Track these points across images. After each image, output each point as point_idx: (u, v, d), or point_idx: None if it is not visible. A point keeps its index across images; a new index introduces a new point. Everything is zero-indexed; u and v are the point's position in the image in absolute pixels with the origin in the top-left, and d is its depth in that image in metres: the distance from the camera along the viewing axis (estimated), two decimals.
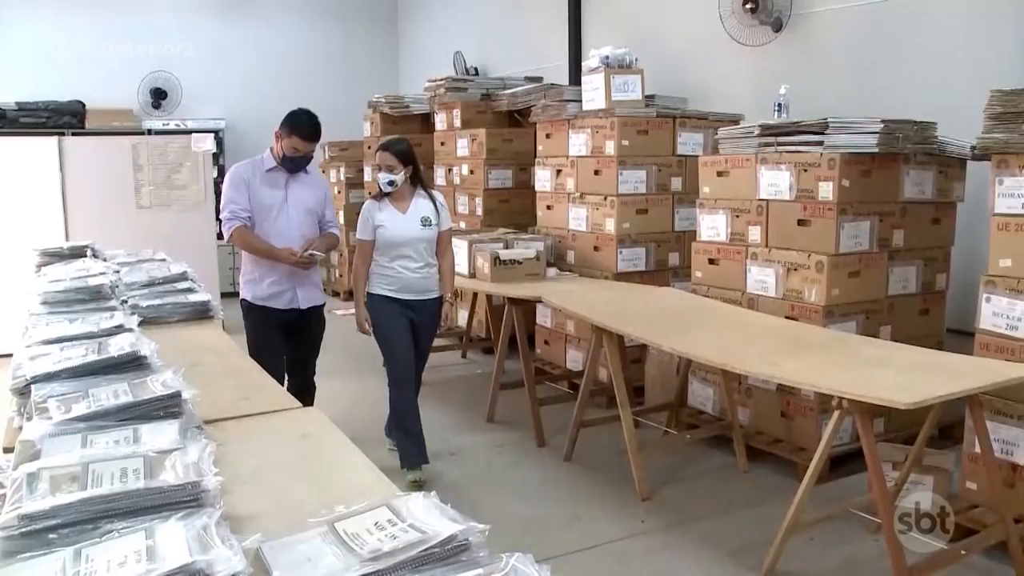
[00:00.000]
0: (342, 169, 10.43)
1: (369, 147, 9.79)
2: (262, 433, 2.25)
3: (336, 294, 10.69)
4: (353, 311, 4.73)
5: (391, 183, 4.48)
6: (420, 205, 4.57)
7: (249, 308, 4.54)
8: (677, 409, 5.34)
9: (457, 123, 8.18)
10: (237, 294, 4.68)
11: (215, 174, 8.77)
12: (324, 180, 4.77)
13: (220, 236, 5.02)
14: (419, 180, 4.62)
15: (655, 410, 5.49)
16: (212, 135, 8.47)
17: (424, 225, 4.53)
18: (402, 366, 4.59)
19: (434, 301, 4.67)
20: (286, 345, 4.61)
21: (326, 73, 12.17)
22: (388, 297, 4.56)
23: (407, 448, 4.59)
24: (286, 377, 4.63)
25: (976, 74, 5.02)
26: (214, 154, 8.55)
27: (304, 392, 4.59)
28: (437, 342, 6.96)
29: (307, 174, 4.55)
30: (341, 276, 10.46)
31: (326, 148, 10.97)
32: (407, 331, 4.58)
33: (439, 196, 4.70)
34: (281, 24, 12.21)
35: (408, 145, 4.60)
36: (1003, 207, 3.80)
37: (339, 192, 10.55)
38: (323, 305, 4.73)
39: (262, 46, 12.05)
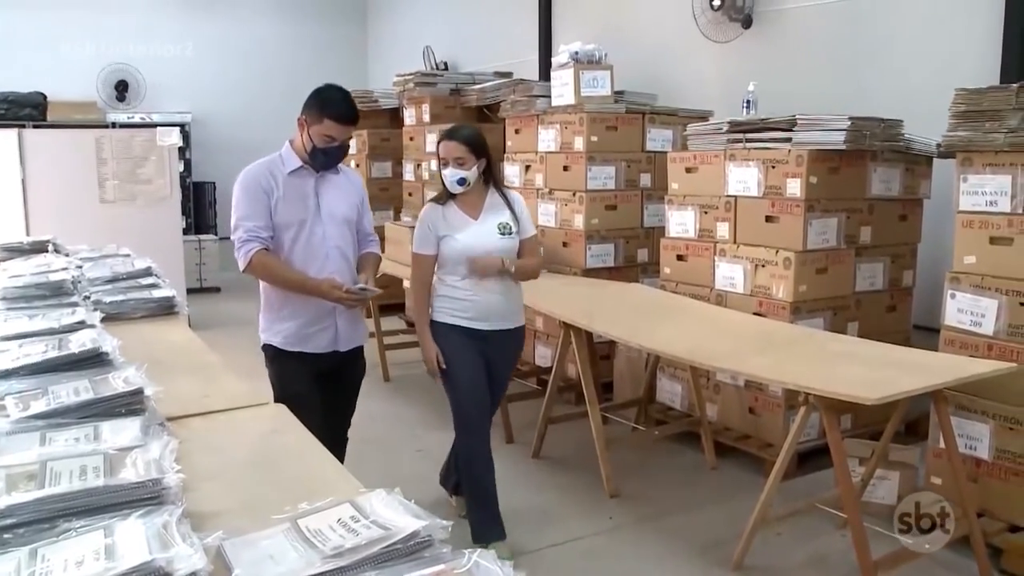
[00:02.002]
0: None
1: None
2: (226, 430, 2.23)
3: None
4: None
5: (463, 181, 3.61)
6: (496, 209, 3.73)
7: (276, 355, 3.48)
8: (646, 405, 5.38)
9: (426, 118, 8.16)
10: (205, 289, 4.56)
11: (181, 168, 8.70)
12: (358, 177, 3.77)
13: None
14: (493, 177, 3.79)
15: (623, 406, 5.52)
16: (178, 129, 8.37)
17: (503, 234, 3.68)
18: (474, 409, 3.74)
19: (517, 331, 3.83)
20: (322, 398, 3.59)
21: (294, 67, 12.08)
22: (456, 326, 3.69)
23: (481, 518, 3.79)
24: None
25: (943, 72, 5.09)
26: (180, 148, 8.46)
27: (335, 447, 3.71)
28: (403, 338, 7.00)
29: (338, 173, 3.51)
30: None
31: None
32: (481, 368, 3.72)
33: (517, 196, 3.85)
34: (248, 17, 12.12)
35: (480, 133, 3.74)
36: (967, 204, 3.86)
37: None
38: (362, 345, 3.68)
39: (229, 39, 11.96)
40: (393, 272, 5.97)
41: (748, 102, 5.31)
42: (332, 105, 3.33)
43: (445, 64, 10.30)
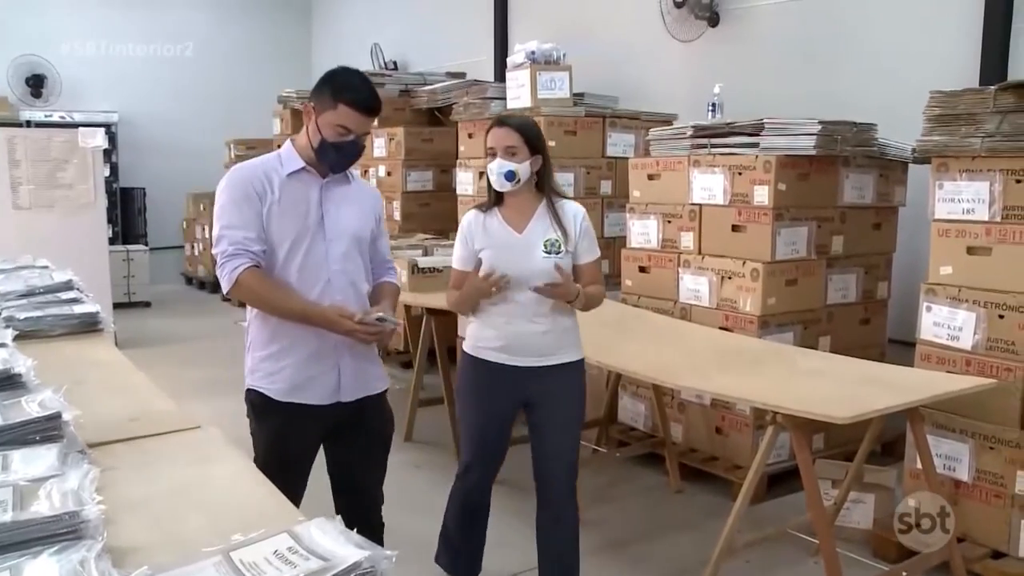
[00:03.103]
0: None
1: (279, 145, 9.67)
2: (155, 457, 2.19)
3: (243, 305, 10.52)
4: None
5: (511, 175, 3.18)
6: (545, 221, 3.25)
7: (265, 407, 2.95)
8: (607, 426, 5.38)
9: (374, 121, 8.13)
10: (134, 304, 4.42)
11: (107, 172, 8.58)
12: (374, 189, 3.36)
13: (211, 286, 3.35)
14: (548, 183, 3.32)
15: (583, 427, 5.51)
16: (103, 129, 8.24)
17: (548, 252, 3.20)
18: (476, 445, 3.43)
19: (568, 368, 3.31)
20: (329, 460, 3.14)
21: (231, 64, 12.04)
22: (482, 360, 3.31)
23: (453, 549, 3.66)
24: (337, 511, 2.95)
25: (919, 73, 5.17)
26: (105, 150, 8.34)
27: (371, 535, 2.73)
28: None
29: (350, 179, 3.04)
30: None
31: (231, 147, 10.85)
32: (507, 414, 3.40)
33: (575, 209, 3.32)
34: (182, 9, 12.02)
35: (537, 125, 3.36)
36: (943, 212, 3.92)
37: None
38: (385, 391, 3.12)
39: (160, 32, 11.86)
40: None
41: (714, 105, 5.36)
42: (350, 89, 2.85)
43: (394, 63, 10.30)
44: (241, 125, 11.06)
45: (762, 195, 4.64)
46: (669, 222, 5.14)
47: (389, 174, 7.89)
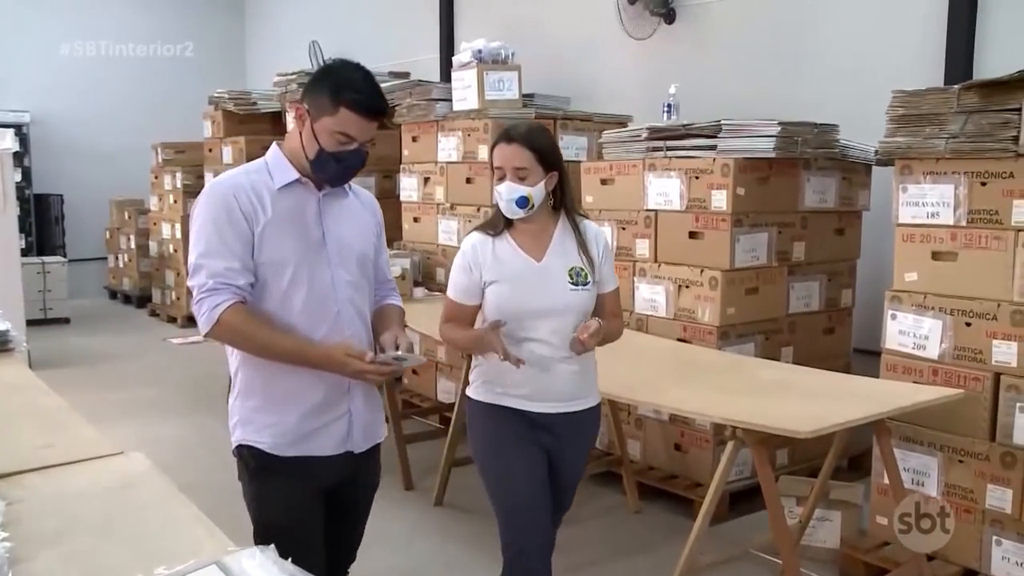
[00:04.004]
0: (178, 175, 10.24)
1: (211, 150, 9.62)
2: (71, 486, 2.15)
3: (172, 320, 10.44)
4: (193, 340, 3.91)
5: (523, 202, 2.87)
6: (566, 245, 2.99)
7: (264, 465, 2.61)
8: None
9: None
10: (50, 321, 4.35)
11: (18, 178, 8.43)
12: (372, 198, 2.92)
13: (187, 321, 2.81)
14: (565, 201, 3.03)
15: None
16: (12, 131, 8.10)
17: (576, 284, 2.94)
18: (525, 518, 2.97)
19: (590, 414, 3.10)
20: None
21: (158, 62, 11.93)
22: (502, 408, 3.00)
23: None
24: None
25: (883, 72, 5.25)
26: (16, 153, 8.20)
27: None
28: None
29: (349, 192, 2.75)
30: (178, 299, 10.20)
31: (159, 150, 10.74)
32: (538, 465, 3.00)
33: (596, 230, 3.08)
34: (101, 3, 11.86)
35: (550, 133, 3.10)
36: (907, 216, 3.99)
37: (175, 202, 10.32)
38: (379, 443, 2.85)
39: (76, 28, 11.71)
40: None
41: (669, 106, 5.41)
42: (352, 88, 2.51)
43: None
44: (169, 127, 10.96)
45: (720, 200, 4.68)
46: (624, 229, 5.17)
47: None
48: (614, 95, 6.95)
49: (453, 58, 6.63)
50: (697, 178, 4.78)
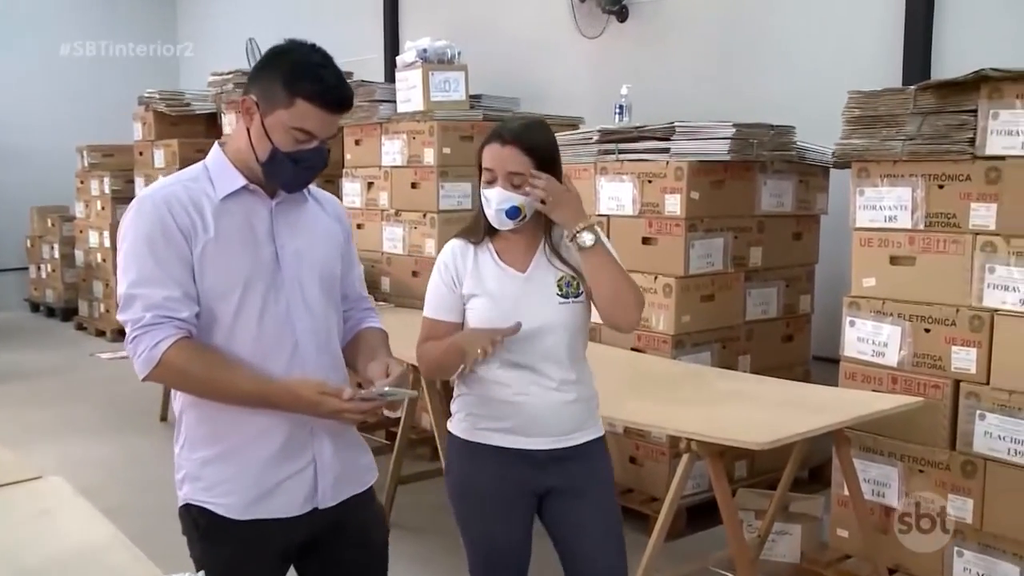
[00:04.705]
0: (106, 180, 10.09)
1: (141, 153, 9.52)
2: None
3: (101, 333, 10.30)
4: (123, 355, 3.69)
5: (514, 213, 2.60)
6: (554, 256, 2.71)
7: (213, 530, 2.32)
8: None
9: None
10: None
11: None
12: (340, 206, 2.63)
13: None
14: None
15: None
16: None
17: (566, 296, 2.68)
18: (501, 565, 2.84)
19: (590, 448, 2.78)
20: None
21: (82, 60, 11.75)
22: (485, 446, 2.72)
23: None
24: None
25: (841, 72, 5.31)
26: None
27: None
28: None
29: (308, 198, 2.45)
30: (107, 311, 10.08)
31: (84, 154, 10.61)
32: (522, 515, 2.79)
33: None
34: None
35: (549, 131, 2.78)
36: (864, 220, 4.04)
37: (103, 208, 10.18)
38: (371, 488, 2.53)
39: None
40: None
41: (621, 107, 5.44)
42: (310, 75, 2.20)
43: None
44: (95, 129, 10.81)
45: (674, 204, 4.71)
46: None
47: None
48: (566, 96, 6.99)
49: (397, 58, 6.64)
50: (650, 182, 4.82)
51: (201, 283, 2.22)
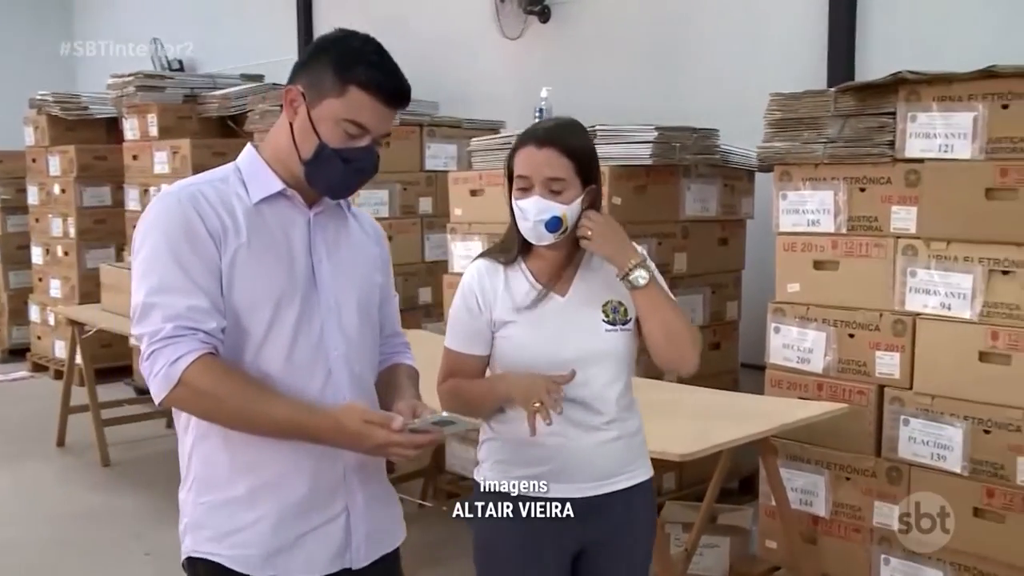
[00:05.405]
0: None
1: (34, 160, 9.35)
2: None
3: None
4: (15, 376, 3.50)
5: (555, 224, 2.36)
6: (597, 275, 2.49)
7: None
8: (434, 476, 5.41)
9: (153, 131, 7.97)
10: None
11: None
12: (380, 229, 2.41)
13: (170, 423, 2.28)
14: None
15: (406, 479, 5.51)
16: None
17: (613, 323, 2.45)
18: None
19: (636, 493, 2.51)
20: None
21: None
22: (517, 496, 2.41)
23: None
24: None
25: (767, 75, 5.37)
26: None
27: None
28: (128, 410, 6.79)
29: (347, 213, 2.26)
30: None
31: None
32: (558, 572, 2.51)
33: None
34: None
35: (588, 136, 2.57)
36: (788, 225, 4.14)
37: None
38: (398, 549, 2.30)
39: None
40: (112, 327, 5.81)
41: (541, 110, 5.49)
42: (364, 62, 2.04)
43: (179, 63, 10.13)
44: None
45: None
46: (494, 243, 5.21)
47: None
48: (487, 99, 7.02)
49: None
50: None
51: (228, 294, 2.01)
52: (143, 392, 7.51)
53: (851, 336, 3.95)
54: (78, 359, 6.56)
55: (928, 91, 3.67)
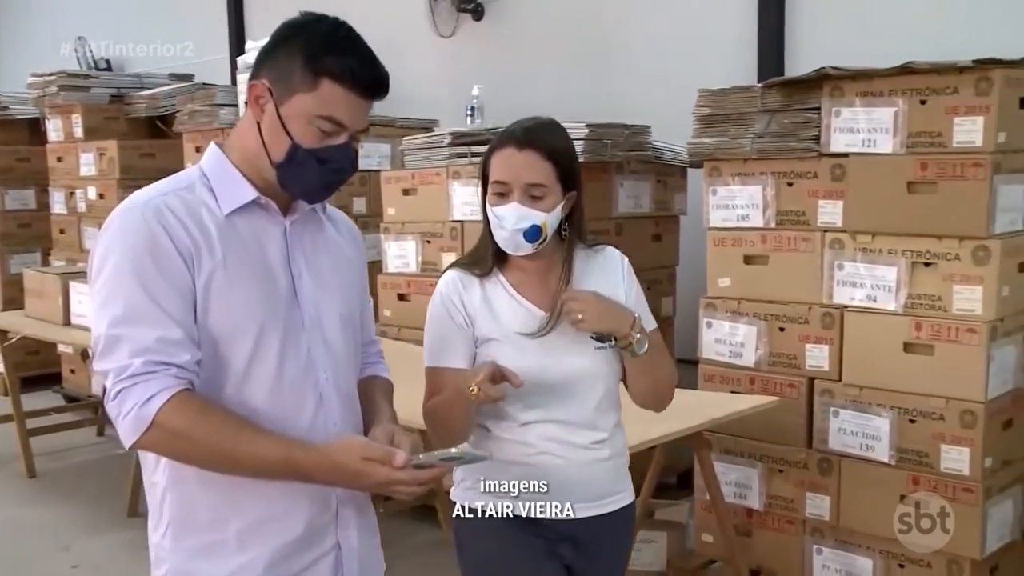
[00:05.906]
0: None
1: None
2: None
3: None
4: None
5: (534, 234, 2.25)
6: (583, 286, 2.36)
7: None
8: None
9: (78, 132, 7.90)
10: None
11: None
12: (355, 227, 2.26)
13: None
14: (579, 228, 2.43)
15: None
16: None
17: (602, 339, 2.31)
18: None
19: (621, 516, 2.43)
20: None
21: None
22: (502, 519, 2.26)
23: None
24: None
25: (698, 72, 5.37)
26: None
27: None
28: (55, 419, 6.73)
29: (322, 216, 2.08)
30: None
31: None
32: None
33: (620, 258, 2.57)
34: None
35: (569, 138, 2.43)
36: (718, 220, 4.23)
37: None
38: None
39: None
40: (36, 334, 5.79)
41: (472, 109, 5.55)
42: (336, 51, 1.87)
43: (107, 62, 10.03)
44: None
45: None
46: (429, 242, 5.28)
47: (102, 196, 7.65)
48: (421, 97, 7.03)
49: (238, 59, 6.62)
50: None
51: (204, 321, 1.82)
52: (72, 400, 7.49)
53: (781, 330, 4.05)
54: (1, 367, 6.50)
55: (851, 86, 3.78)
